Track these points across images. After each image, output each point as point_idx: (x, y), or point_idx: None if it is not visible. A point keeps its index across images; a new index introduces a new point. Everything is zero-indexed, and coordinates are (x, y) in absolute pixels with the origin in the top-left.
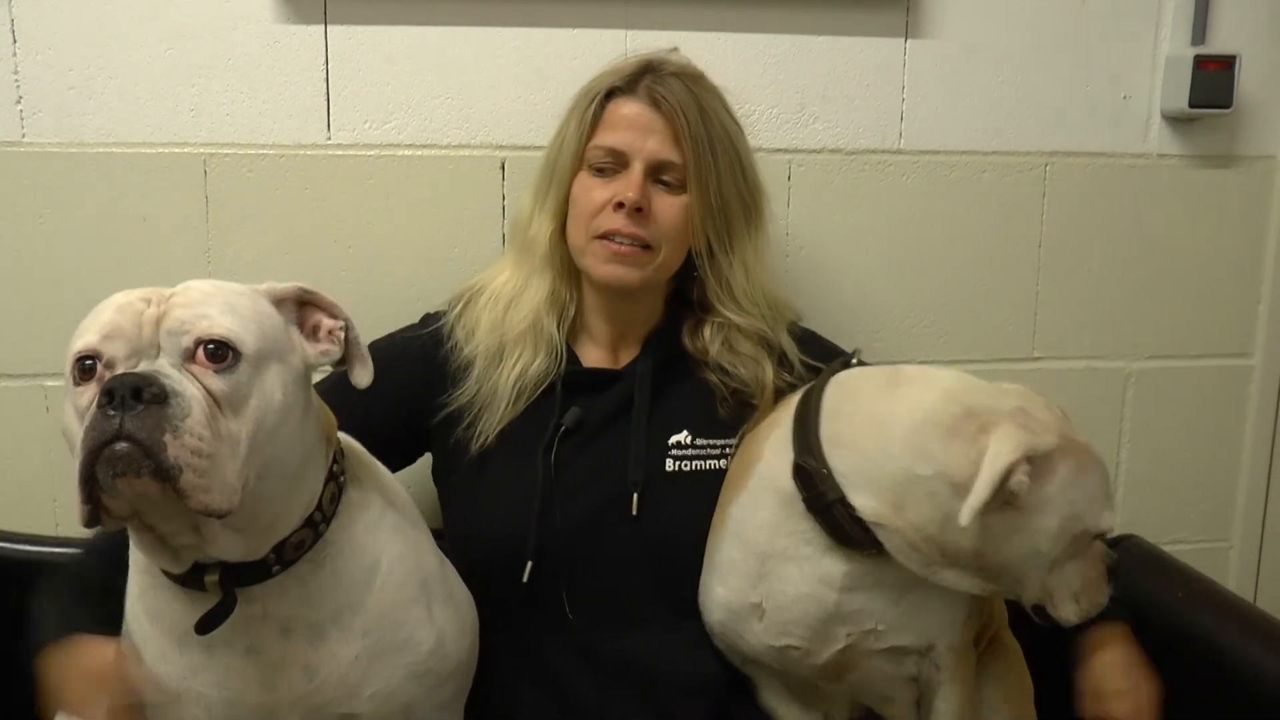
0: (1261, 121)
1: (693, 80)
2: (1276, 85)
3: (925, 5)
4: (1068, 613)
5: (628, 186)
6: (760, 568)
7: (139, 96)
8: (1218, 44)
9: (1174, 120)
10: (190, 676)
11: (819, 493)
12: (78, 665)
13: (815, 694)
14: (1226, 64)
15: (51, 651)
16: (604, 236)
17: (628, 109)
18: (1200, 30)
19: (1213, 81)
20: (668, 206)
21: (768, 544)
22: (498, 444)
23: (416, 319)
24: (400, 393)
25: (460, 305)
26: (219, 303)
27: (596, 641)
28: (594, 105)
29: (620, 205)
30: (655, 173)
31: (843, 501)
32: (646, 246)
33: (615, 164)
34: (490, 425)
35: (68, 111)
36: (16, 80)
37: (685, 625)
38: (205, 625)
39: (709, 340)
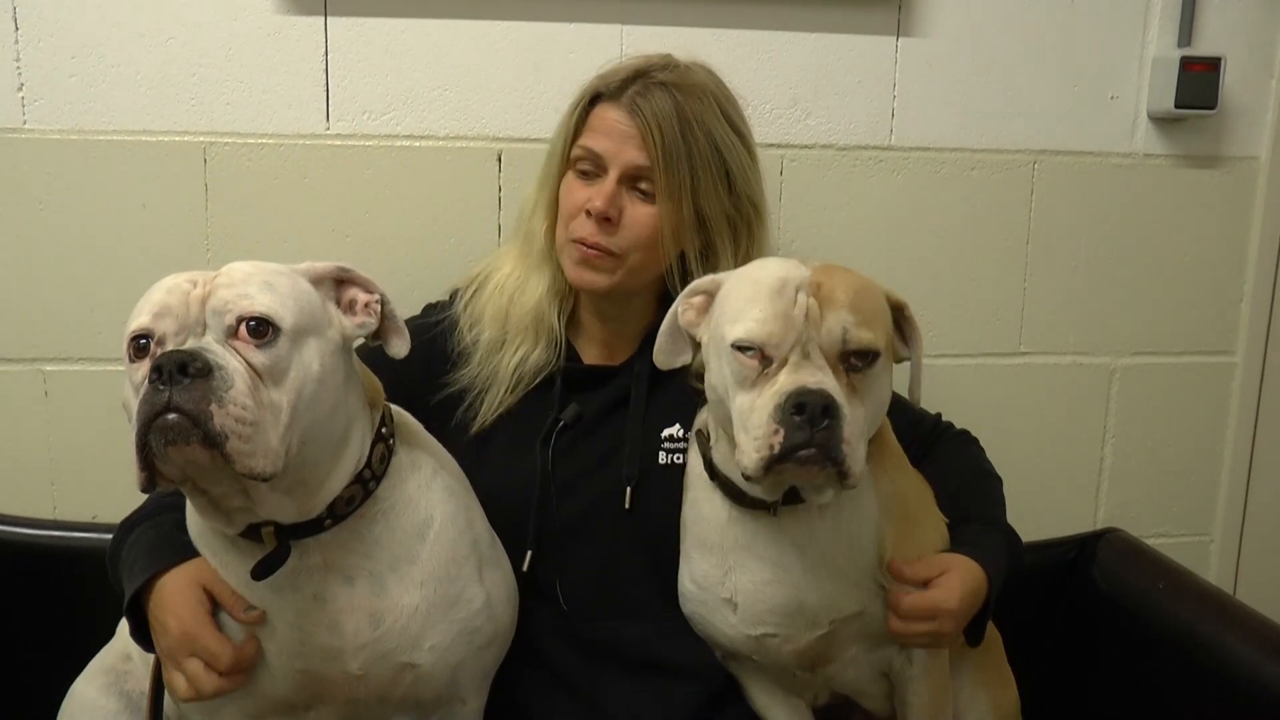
0: (1246, 123)
1: (683, 90)
2: (1261, 87)
3: (917, 4)
4: (741, 455)
5: (598, 195)
6: (723, 563)
7: (140, 85)
8: (1203, 46)
9: (1160, 120)
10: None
11: (708, 459)
12: (181, 585)
13: (796, 682)
14: (1212, 66)
15: (148, 589)
16: (576, 241)
17: (609, 115)
18: (1186, 32)
19: (1198, 83)
20: (640, 216)
21: (720, 538)
22: (498, 435)
23: (415, 308)
24: (402, 371)
25: (469, 293)
26: (258, 282)
27: (590, 630)
28: (579, 109)
29: (590, 213)
30: (631, 180)
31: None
32: (611, 254)
33: (596, 167)
34: (489, 409)
35: (69, 99)
36: (18, 67)
37: (677, 614)
38: (260, 572)
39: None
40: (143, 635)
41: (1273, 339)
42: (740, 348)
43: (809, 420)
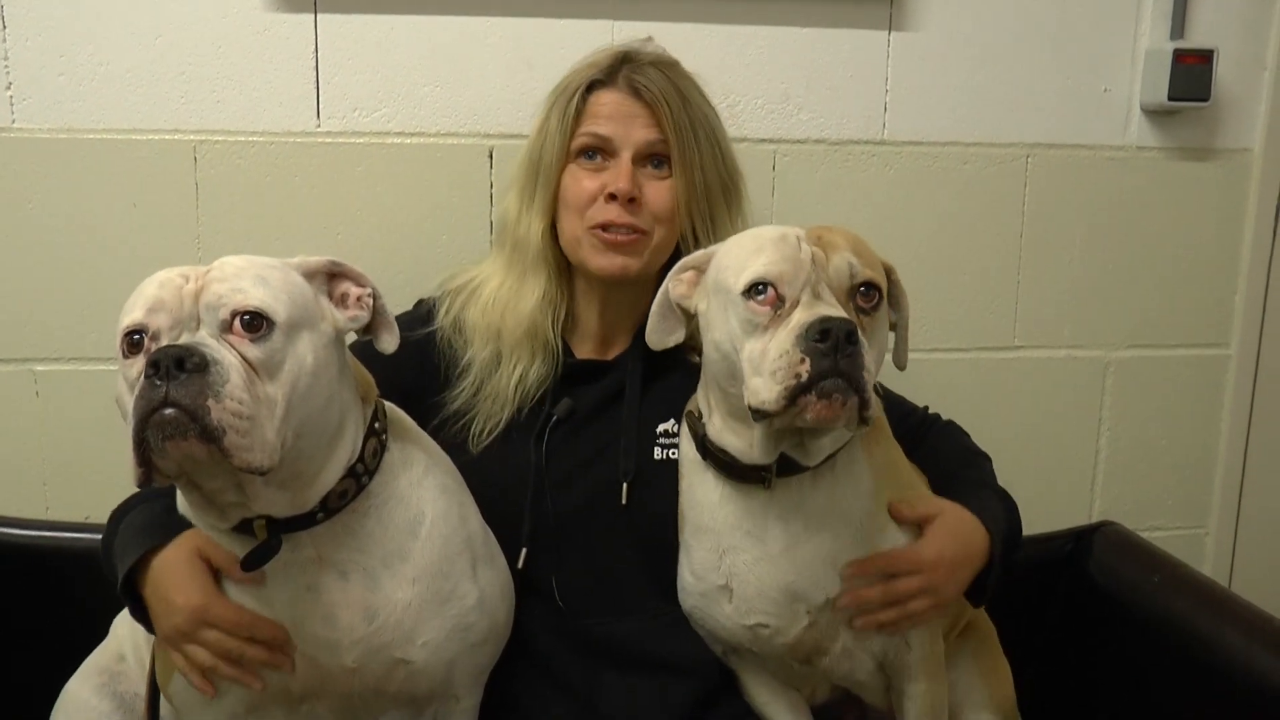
0: (1238, 115)
1: (669, 68)
2: (1254, 79)
3: None
4: (758, 392)
5: (618, 177)
6: (719, 545)
7: (129, 83)
8: (1196, 38)
9: (1153, 113)
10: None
11: (700, 436)
12: (179, 559)
13: (796, 675)
14: (1205, 58)
15: (143, 568)
16: (599, 228)
17: (609, 99)
18: (1179, 24)
19: (1191, 75)
20: (658, 190)
21: (713, 520)
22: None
23: (406, 304)
24: (397, 384)
25: (456, 307)
26: (251, 276)
27: (586, 626)
28: (575, 99)
29: (613, 196)
30: (643, 159)
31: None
32: (642, 232)
33: (603, 150)
34: (494, 427)
35: (58, 98)
36: (6, 66)
37: (673, 610)
38: (250, 563)
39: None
40: (141, 618)
41: (1267, 331)
42: (752, 290)
43: (834, 346)
